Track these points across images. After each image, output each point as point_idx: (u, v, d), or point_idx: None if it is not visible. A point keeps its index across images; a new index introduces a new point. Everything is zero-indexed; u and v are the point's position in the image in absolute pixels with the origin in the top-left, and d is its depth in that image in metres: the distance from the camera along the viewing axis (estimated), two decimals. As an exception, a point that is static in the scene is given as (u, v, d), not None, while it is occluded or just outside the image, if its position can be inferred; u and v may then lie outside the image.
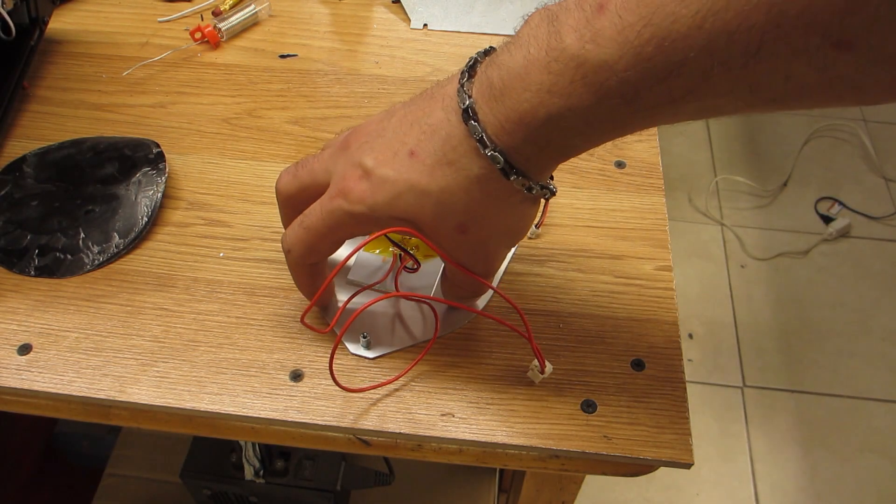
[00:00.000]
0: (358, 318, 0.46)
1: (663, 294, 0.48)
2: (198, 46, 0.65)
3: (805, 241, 1.60)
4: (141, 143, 0.55)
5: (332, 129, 0.58)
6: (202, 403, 0.43)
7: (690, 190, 1.70)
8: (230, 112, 0.59)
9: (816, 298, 1.51)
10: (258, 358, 0.45)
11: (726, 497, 1.24)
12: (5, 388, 0.44)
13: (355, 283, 0.48)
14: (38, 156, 0.55)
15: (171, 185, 0.54)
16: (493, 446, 0.42)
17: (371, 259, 0.49)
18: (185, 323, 0.46)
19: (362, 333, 0.45)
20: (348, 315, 0.44)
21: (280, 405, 0.43)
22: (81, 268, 0.49)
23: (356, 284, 0.48)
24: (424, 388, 0.43)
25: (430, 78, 0.62)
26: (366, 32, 0.66)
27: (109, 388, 0.43)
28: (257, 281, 0.48)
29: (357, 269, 0.49)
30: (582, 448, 0.41)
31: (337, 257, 0.45)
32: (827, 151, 1.78)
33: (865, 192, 1.69)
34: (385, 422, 0.42)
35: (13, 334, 0.46)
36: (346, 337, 0.45)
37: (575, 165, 0.55)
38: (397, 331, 0.46)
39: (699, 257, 1.57)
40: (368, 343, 0.45)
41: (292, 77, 0.62)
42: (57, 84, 0.62)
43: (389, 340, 0.45)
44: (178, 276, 0.49)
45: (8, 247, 0.50)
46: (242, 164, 0.56)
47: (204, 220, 0.52)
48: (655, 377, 0.44)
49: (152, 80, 0.62)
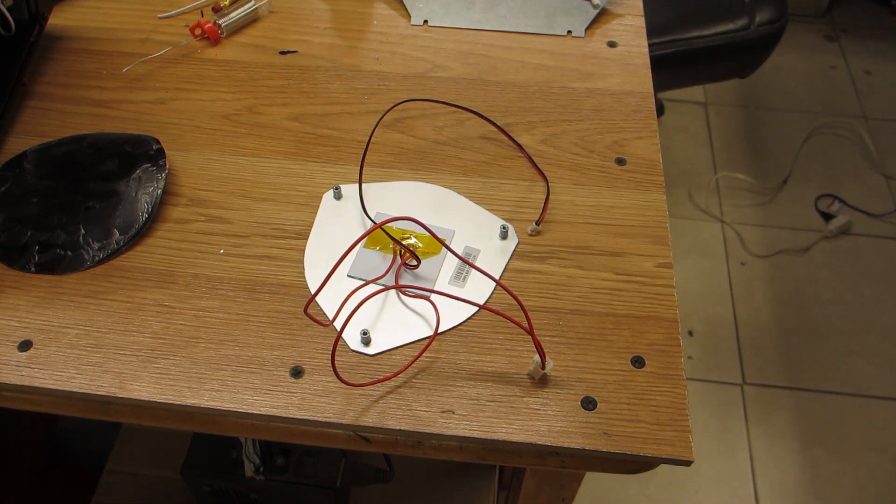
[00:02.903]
0: (358, 314, 0.46)
1: (663, 291, 0.48)
2: (198, 43, 0.64)
3: (805, 238, 1.60)
4: (141, 139, 0.55)
5: (332, 126, 0.58)
6: (202, 400, 0.43)
7: (691, 187, 1.70)
8: (230, 108, 0.59)
9: (816, 296, 1.51)
10: (258, 354, 0.45)
11: (726, 494, 1.24)
12: (6, 385, 0.44)
13: (355, 278, 0.48)
14: (38, 152, 0.55)
15: (172, 181, 0.54)
16: (493, 443, 0.42)
17: (371, 255, 0.49)
18: (186, 319, 0.46)
19: (362, 330, 0.45)
20: (349, 310, 0.44)
21: (280, 402, 0.43)
22: (82, 264, 0.49)
23: (356, 279, 0.48)
24: (424, 385, 0.43)
25: (430, 74, 0.62)
26: (366, 29, 0.66)
27: (110, 384, 0.43)
28: (257, 277, 0.48)
29: (357, 265, 0.49)
30: (582, 445, 0.41)
31: (337, 252, 0.45)
32: (827, 149, 1.78)
33: (865, 189, 1.69)
34: (385, 419, 0.42)
35: (13, 331, 0.46)
36: (347, 333, 0.45)
37: (576, 163, 0.55)
38: (397, 327, 0.46)
39: (699, 254, 1.57)
40: (368, 340, 0.45)
41: (292, 73, 0.62)
42: (57, 80, 0.62)
43: (390, 337, 0.45)
44: (178, 272, 0.49)
45: (8, 243, 0.50)
46: (243, 160, 0.56)
47: (204, 217, 0.52)
48: (655, 374, 0.44)
49: (152, 76, 0.62)
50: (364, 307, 0.46)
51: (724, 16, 1.19)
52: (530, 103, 0.59)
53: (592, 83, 0.61)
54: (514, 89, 0.60)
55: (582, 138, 0.57)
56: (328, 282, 0.43)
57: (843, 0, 2.14)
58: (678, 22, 1.18)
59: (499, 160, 0.55)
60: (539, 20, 0.66)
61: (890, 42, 2.04)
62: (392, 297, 0.47)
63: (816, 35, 2.08)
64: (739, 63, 1.27)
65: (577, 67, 0.62)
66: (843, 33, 2.08)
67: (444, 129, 0.57)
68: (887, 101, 1.89)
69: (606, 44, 0.64)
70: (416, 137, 0.57)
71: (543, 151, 0.56)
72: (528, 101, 0.59)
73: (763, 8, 1.19)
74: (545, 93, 0.60)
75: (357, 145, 0.56)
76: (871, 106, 1.88)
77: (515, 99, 0.60)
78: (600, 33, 0.65)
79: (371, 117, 0.58)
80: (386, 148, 0.56)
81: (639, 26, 0.66)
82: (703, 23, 1.19)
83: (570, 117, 0.58)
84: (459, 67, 0.62)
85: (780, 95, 1.92)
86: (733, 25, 1.18)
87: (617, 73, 0.61)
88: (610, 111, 0.58)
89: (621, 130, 0.57)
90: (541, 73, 0.62)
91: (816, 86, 1.94)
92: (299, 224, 0.51)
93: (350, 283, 0.48)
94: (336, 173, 0.55)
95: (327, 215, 0.52)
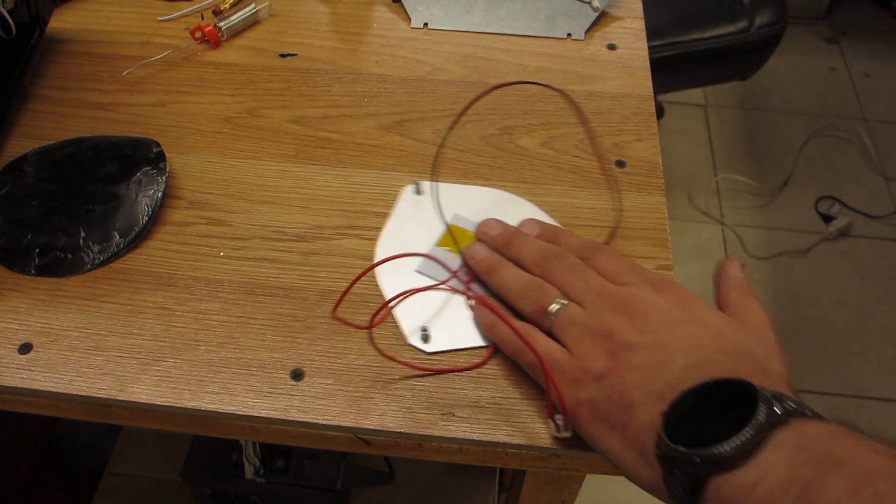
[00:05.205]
0: (419, 311, 0.46)
1: (664, 293, 0.48)
2: (198, 45, 0.65)
3: (805, 240, 1.60)
4: (141, 142, 0.55)
5: (332, 129, 0.58)
6: (203, 402, 0.43)
7: (691, 189, 1.70)
8: (230, 111, 0.59)
9: (817, 298, 1.51)
10: (259, 357, 0.45)
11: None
12: (6, 388, 0.44)
13: (423, 274, 0.49)
14: (38, 155, 0.55)
15: (172, 184, 0.54)
16: (493, 445, 0.42)
17: (441, 254, 0.49)
18: (186, 322, 0.46)
19: (422, 326, 0.45)
20: (410, 305, 0.46)
21: (281, 404, 0.43)
22: (82, 267, 0.49)
23: (424, 276, 0.48)
24: (425, 387, 0.43)
25: (430, 77, 0.62)
26: (366, 31, 0.66)
27: (110, 387, 0.43)
28: (258, 280, 0.49)
29: (427, 263, 0.49)
30: (582, 447, 0.41)
31: (409, 247, 0.49)
32: (827, 150, 1.78)
33: (866, 191, 1.69)
34: (385, 421, 0.42)
35: (14, 333, 0.46)
36: (407, 327, 0.46)
37: (576, 165, 0.55)
38: (457, 330, 0.46)
39: (700, 256, 1.57)
40: (427, 336, 0.45)
41: (292, 76, 0.62)
42: (57, 83, 0.62)
43: (448, 338, 0.45)
44: (178, 275, 0.49)
45: (8, 246, 0.50)
46: (243, 163, 0.56)
47: (204, 220, 0.52)
48: (656, 376, 0.44)
49: (153, 79, 0.62)
50: (425, 304, 0.47)
51: (723, 18, 1.19)
52: (530, 106, 0.59)
53: (592, 86, 0.61)
54: (513, 92, 0.60)
55: (582, 141, 0.57)
56: (395, 271, 0.48)
57: (843, 2, 2.14)
58: (678, 24, 1.18)
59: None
60: (539, 23, 0.66)
61: (890, 44, 2.04)
62: (455, 300, 0.47)
63: (816, 37, 2.08)
64: (739, 65, 1.27)
65: (576, 70, 0.62)
66: (843, 35, 2.08)
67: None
68: (887, 102, 1.89)
69: (606, 46, 0.64)
70: (416, 140, 0.57)
71: (543, 154, 0.56)
72: (527, 104, 0.59)
73: (763, 10, 1.19)
74: (545, 95, 0.60)
75: (357, 148, 0.56)
76: (871, 108, 1.88)
77: (515, 102, 0.60)
78: (600, 36, 0.65)
79: (371, 120, 0.58)
80: (386, 151, 0.56)
81: (639, 29, 0.66)
82: (702, 25, 1.19)
83: (570, 120, 0.58)
84: (459, 70, 0.62)
85: (780, 97, 1.92)
86: (733, 28, 1.18)
87: (617, 75, 0.62)
88: (610, 114, 0.59)
89: (621, 133, 0.57)
90: (541, 75, 0.62)
91: (816, 88, 1.94)
92: (300, 227, 0.51)
93: (417, 277, 0.48)
94: (336, 176, 0.55)
95: (406, 209, 0.52)
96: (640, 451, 0.35)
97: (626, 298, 0.40)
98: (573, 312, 0.41)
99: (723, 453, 0.31)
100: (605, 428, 0.37)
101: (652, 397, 0.35)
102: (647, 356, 0.37)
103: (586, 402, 0.38)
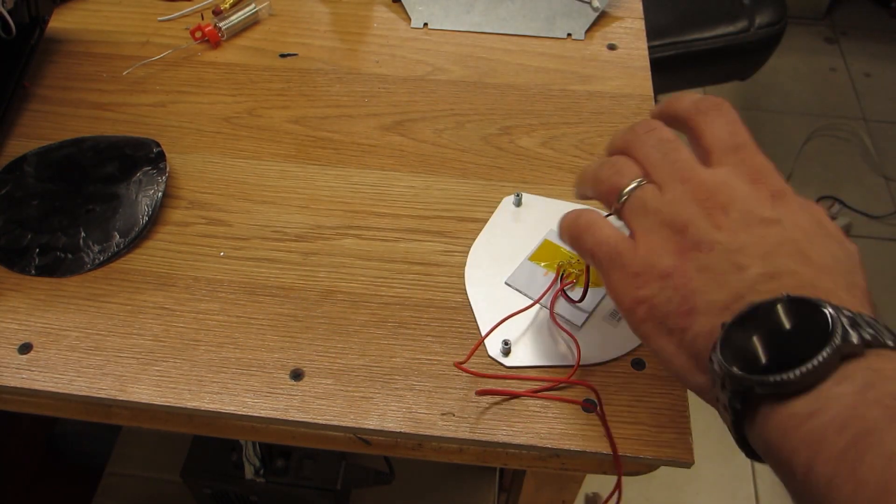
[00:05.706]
0: (503, 325, 0.45)
1: (664, 293, 0.48)
2: (198, 45, 0.65)
3: (805, 240, 1.60)
4: (141, 142, 0.55)
5: (332, 128, 0.58)
6: (203, 402, 0.43)
7: (691, 189, 1.69)
8: (230, 111, 0.59)
9: (817, 298, 1.51)
10: (259, 357, 0.45)
11: (727, 496, 1.24)
12: (6, 388, 0.44)
13: (512, 287, 0.48)
14: (38, 155, 0.55)
15: (172, 184, 0.54)
16: (493, 445, 0.42)
17: (533, 268, 0.49)
18: (186, 322, 0.46)
19: (503, 339, 0.45)
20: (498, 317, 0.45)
21: (281, 404, 0.43)
22: (82, 267, 0.49)
23: (513, 289, 0.48)
24: (425, 387, 0.43)
25: (430, 77, 0.62)
26: (366, 31, 0.66)
27: (110, 387, 0.43)
28: (258, 280, 0.49)
29: (518, 275, 0.48)
30: (582, 447, 0.41)
31: (501, 257, 0.48)
32: (827, 151, 1.78)
33: (866, 191, 1.69)
34: (385, 421, 0.42)
35: (14, 333, 0.46)
36: (489, 339, 0.45)
37: (576, 165, 0.55)
38: (538, 347, 0.45)
39: (699, 256, 1.57)
40: (508, 350, 0.45)
41: (292, 76, 0.62)
42: (57, 83, 0.62)
43: (529, 354, 0.45)
44: (178, 275, 0.49)
45: (8, 246, 0.50)
46: (243, 163, 0.56)
47: (204, 220, 0.52)
48: (656, 376, 0.44)
49: (153, 79, 0.62)
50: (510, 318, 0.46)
51: (723, 18, 1.19)
52: (530, 106, 0.59)
53: (592, 86, 0.61)
54: (513, 92, 0.60)
55: (582, 141, 0.57)
56: (483, 282, 0.48)
57: (843, 2, 2.14)
58: (678, 24, 1.18)
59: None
60: (539, 23, 0.66)
61: (890, 44, 2.04)
62: (541, 315, 0.47)
63: (816, 37, 2.08)
64: (739, 65, 1.27)
65: (576, 70, 0.62)
66: (843, 35, 2.08)
67: (444, 132, 0.57)
68: (887, 103, 1.89)
69: (606, 46, 0.64)
70: (416, 140, 0.57)
71: (543, 154, 0.56)
72: (528, 104, 0.59)
73: (763, 10, 1.19)
74: (545, 95, 0.60)
75: (357, 148, 0.56)
76: (871, 108, 1.88)
77: (515, 102, 0.60)
78: (600, 36, 0.65)
79: (371, 120, 0.58)
80: (386, 150, 0.56)
81: (639, 29, 0.66)
82: (702, 25, 1.19)
83: (570, 120, 0.58)
84: (459, 70, 0.62)
85: (780, 97, 1.92)
86: (733, 28, 1.18)
87: (617, 75, 0.62)
88: (610, 114, 0.59)
89: (621, 133, 0.57)
90: (541, 75, 0.62)
91: (816, 88, 1.94)
92: (300, 227, 0.51)
93: (504, 289, 0.48)
94: (336, 176, 0.55)
95: (503, 219, 0.52)
96: (695, 357, 0.33)
97: (713, 188, 0.35)
98: (648, 195, 0.36)
99: (781, 382, 0.28)
100: (662, 330, 0.34)
101: (716, 306, 0.32)
102: (719, 259, 0.33)
103: (645, 301, 0.35)
